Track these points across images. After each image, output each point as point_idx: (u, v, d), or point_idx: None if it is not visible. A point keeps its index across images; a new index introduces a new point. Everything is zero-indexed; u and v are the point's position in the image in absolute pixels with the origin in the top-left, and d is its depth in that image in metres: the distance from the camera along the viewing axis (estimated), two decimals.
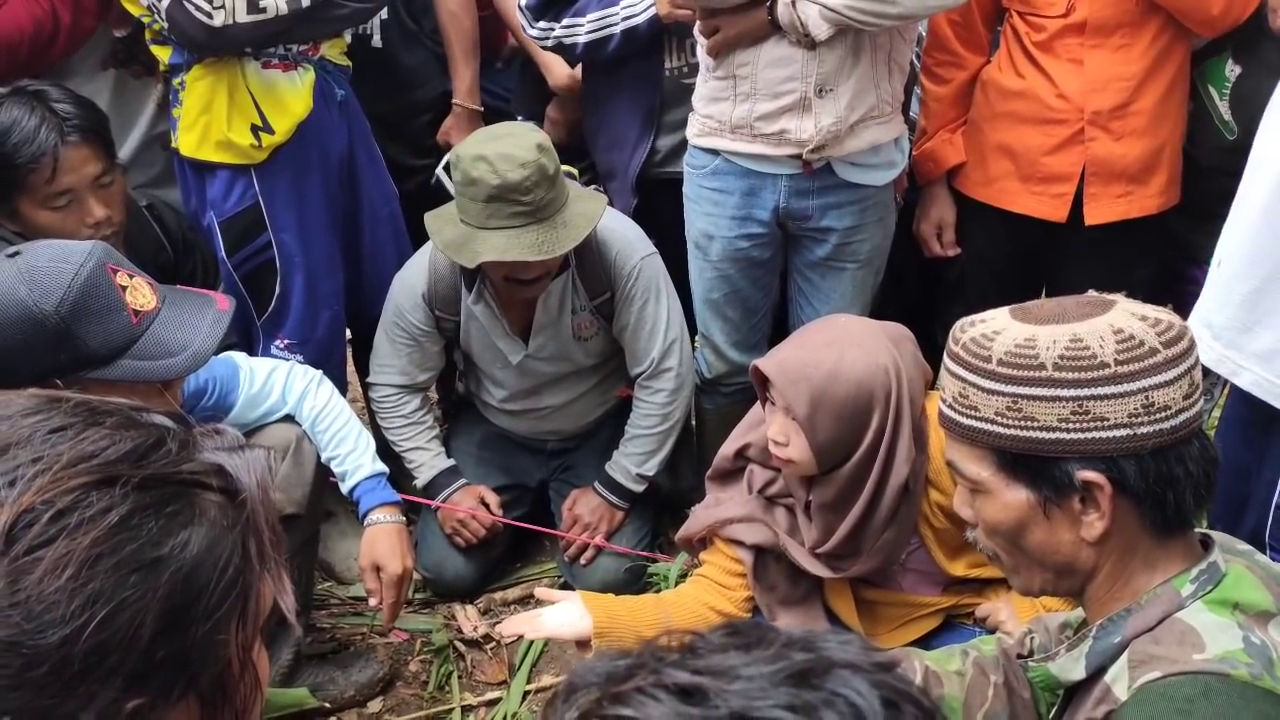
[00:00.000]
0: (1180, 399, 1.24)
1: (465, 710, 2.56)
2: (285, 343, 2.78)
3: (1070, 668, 1.33)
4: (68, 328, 1.75)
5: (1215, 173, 2.52)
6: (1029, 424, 1.26)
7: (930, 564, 2.17)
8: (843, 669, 0.65)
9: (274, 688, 2.38)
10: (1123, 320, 1.26)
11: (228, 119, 2.59)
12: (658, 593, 2.53)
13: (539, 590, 2.31)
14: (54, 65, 2.68)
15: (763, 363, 2.04)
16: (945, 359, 1.36)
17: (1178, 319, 1.28)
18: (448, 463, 2.93)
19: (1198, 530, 1.33)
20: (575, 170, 2.78)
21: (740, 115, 2.53)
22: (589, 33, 2.74)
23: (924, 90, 2.89)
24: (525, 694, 2.57)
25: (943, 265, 3.06)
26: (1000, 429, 1.28)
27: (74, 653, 0.78)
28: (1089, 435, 1.24)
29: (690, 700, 0.64)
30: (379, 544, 2.33)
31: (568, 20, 2.77)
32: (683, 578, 2.70)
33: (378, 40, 2.98)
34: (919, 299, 3.16)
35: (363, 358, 3.06)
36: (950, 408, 1.34)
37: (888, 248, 2.79)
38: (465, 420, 3.13)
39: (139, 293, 1.85)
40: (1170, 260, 2.81)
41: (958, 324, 1.37)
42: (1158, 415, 1.23)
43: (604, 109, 2.95)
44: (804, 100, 2.47)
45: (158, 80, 2.80)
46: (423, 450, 2.91)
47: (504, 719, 2.52)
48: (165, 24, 2.47)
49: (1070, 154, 2.65)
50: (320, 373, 2.42)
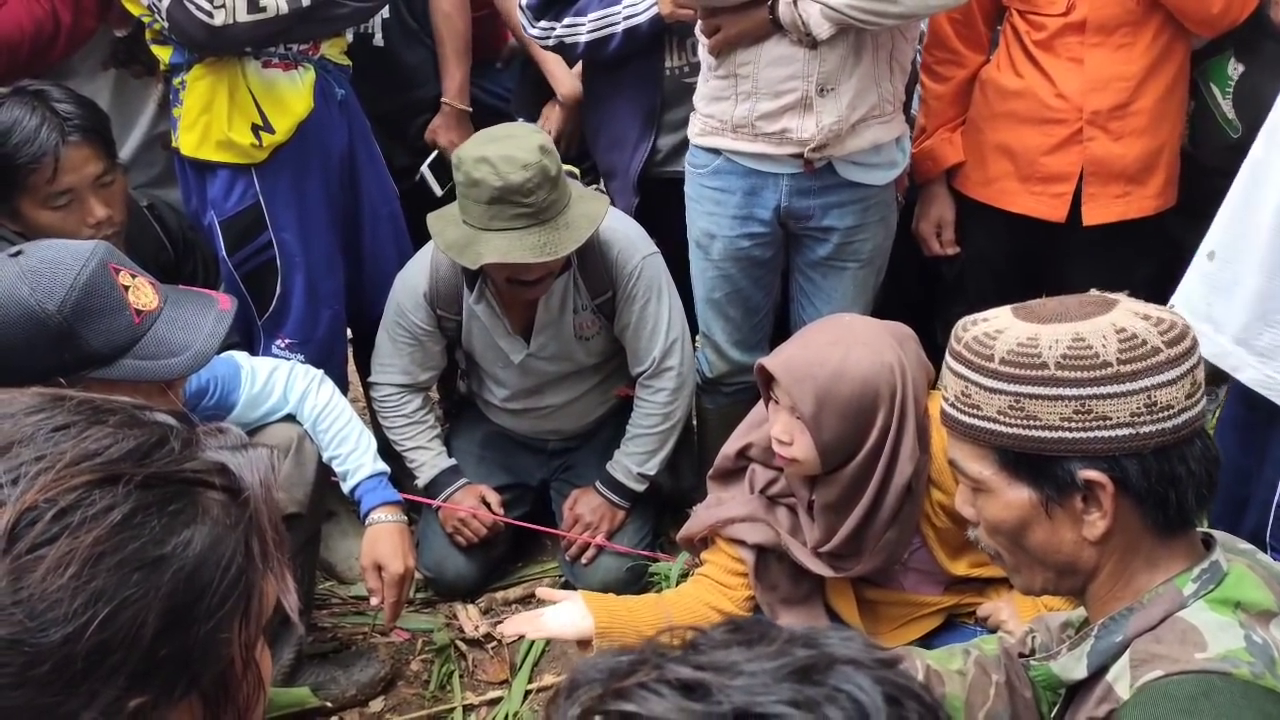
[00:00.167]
0: (1183, 398, 1.24)
1: (466, 709, 2.56)
2: (286, 342, 2.79)
3: (1072, 667, 1.33)
4: (70, 327, 1.75)
5: (1216, 173, 2.52)
6: (1031, 423, 1.26)
7: (932, 563, 2.17)
8: (845, 665, 0.65)
9: (276, 687, 2.38)
10: (1125, 319, 1.25)
11: (228, 118, 2.59)
12: (659, 592, 2.53)
13: (540, 590, 2.31)
14: (55, 65, 2.68)
15: (768, 361, 2.03)
16: (948, 358, 1.35)
17: (1180, 318, 1.28)
18: (449, 462, 2.93)
19: (1199, 529, 1.33)
20: (577, 170, 2.78)
21: (742, 114, 2.53)
22: (590, 32, 2.74)
23: (924, 88, 2.89)
24: (527, 693, 2.57)
25: (941, 264, 3.06)
26: (1002, 428, 1.28)
27: (76, 651, 0.78)
28: (1091, 434, 1.24)
29: (693, 696, 0.64)
30: (380, 543, 2.33)
31: (569, 20, 2.77)
32: (684, 577, 2.69)
33: (379, 39, 2.98)
34: (919, 299, 3.16)
35: (363, 357, 3.06)
36: (953, 406, 1.34)
37: (889, 247, 2.79)
38: (466, 419, 3.13)
39: (141, 292, 1.85)
40: (1170, 260, 2.81)
41: (960, 323, 1.37)
42: (1160, 414, 1.23)
43: (605, 108, 2.95)
44: (805, 99, 2.46)
45: (158, 80, 2.80)
46: (424, 450, 2.90)
47: (505, 718, 2.52)
48: (166, 24, 2.47)
49: (1069, 154, 2.65)
50: (321, 372, 2.42)
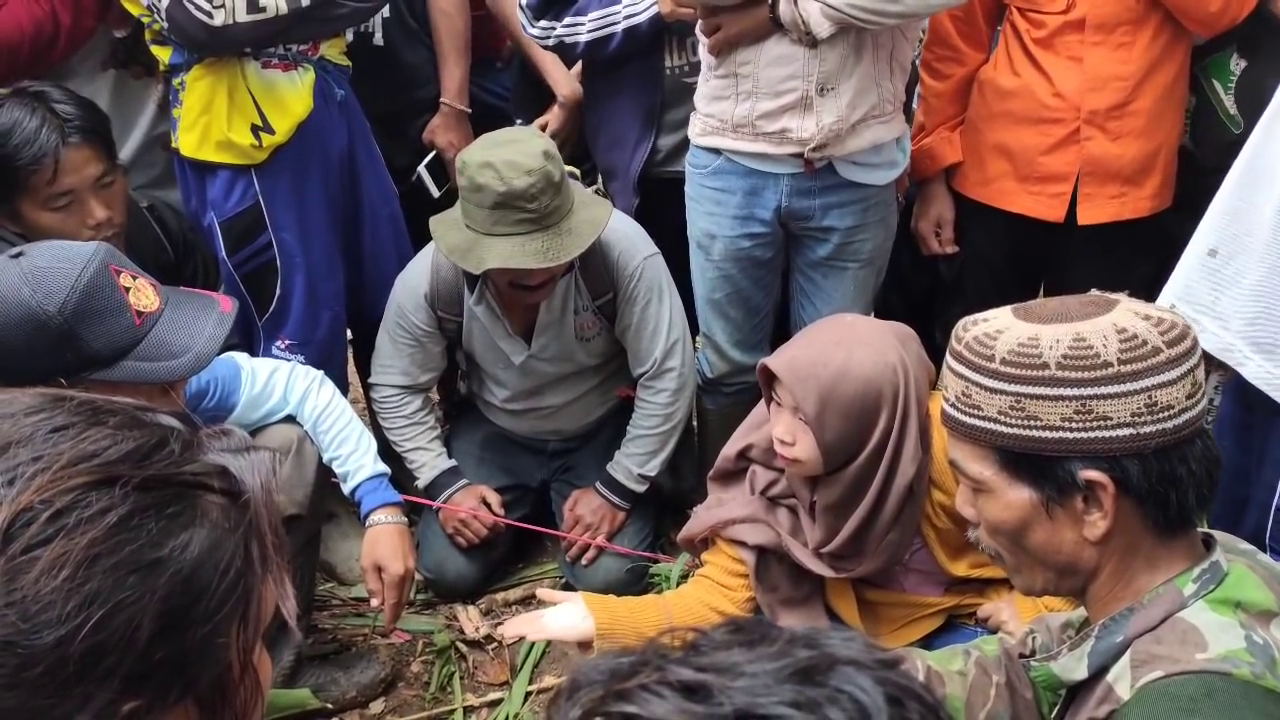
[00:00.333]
0: (1183, 398, 1.24)
1: (467, 711, 2.56)
2: (286, 343, 2.78)
3: (1072, 667, 1.33)
4: (70, 329, 1.74)
5: (1215, 172, 2.52)
6: (1032, 423, 1.26)
7: (932, 564, 2.17)
8: (847, 666, 0.65)
9: (276, 689, 2.38)
10: (1126, 319, 1.25)
11: (228, 119, 2.59)
12: (659, 593, 2.53)
13: (541, 591, 2.31)
14: (54, 66, 2.67)
15: (771, 361, 2.03)
16: (948, 358, 1.35)
17: (1181, 318, 1.28)
18: (449, 463, 2.93)
19: (1200, 530, 1.33)
20: (578, 171, 2.78)
21: (742, 114, 2.52)
22: (590, 32, 2.74)
23: (923, 86, 2.89)
24: (527, 695, 2.57)
25: (939, 264, 3.06)
26: (1003, 428, 1.28)
27: (69, 653, 0.77)
28: (1092, 434, 1.24)
29: (694, 697, 0.63)
30: (381, 545, 2.32)
31: (569, 19, 2.76)
32: (684, 578, 2.70)
33: (379, 38, 2.97)
34: (921, 299, 3.16)
35: (363, 358, 3.06)
36: (953, 407, 1.33)
37: (890, 247, 2.79)
38: (466, 420, 3.13)
39: (142, 294, 1.85)
40: (1169, 259, 2.81)
41: (960, 323, 1.37)
42: (1161, 414, 1.23)
43: (605, 108, 2.95)
44: (805, 99, 2.46)
45: (158, 80, 2.80)
46: (424, 451, 2.90)
47: None
48: (165, 24, 2.47)
49: (1066, 153, 2.65)
50: (321, 373, 2.42)
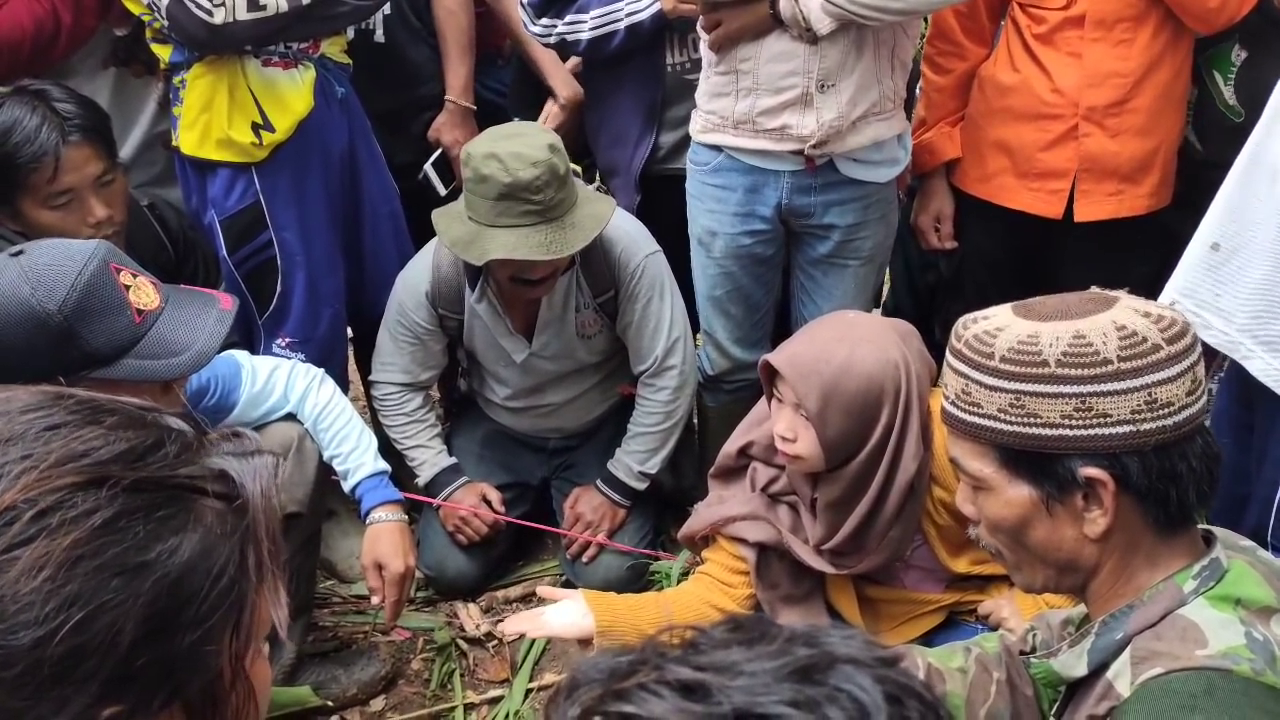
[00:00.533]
0: (1183, 395, 1.24)
1: (467, 708, 2.56)
2: (287, 341, 2.78)
3: (1072, 664, 1.33)
4: (71, 327, 1.74)
5: (1219, 167, 2.51)
6: (1032, 420, 1.26)
7: (933, 561, 2.17)
8: (846, 664, 0.65)
9: (276, 686, 2.38)
10: (1125, 317, 1.25)
11: (228, 117, 2.59)
12: (660, 591, 2.53)
13: (541, 588, 2.31)
14: (55, 65, 2.67)
15: (773, 357, 2.03)
16: (948, 355, 1.35)
17: (1180, 315, 1.28)
18: (449, 461, 2.93)
19: (1200, 526, 1.33)
20: (579, 168, 2.78)
21: (742, 110, 2.52)
22: (592, 29, 2.74)
23: (925, 80, 2.89)
24: (527, 692, 2.57)
25: (939, 260, 3.05)
26: (1003, 425, 1.28)
27: (47, 655, 0.76)
28: (1092, 432, 1.24)
29: (693, 696, 0.63)
30: (381, 542, 2.33)
31: (570, 17, 2.76)
32: (685, 576, 2.69)
33: (380, 35, 2.97)
34: (925, 296, 3.16)
35: (364, 356, 3.06)
36: (953, 404, 1.33)
37: (891, 245, 2.79)
38: (467, 418, 3.13)
39: (142, 292, 1.85)
40: (1170, 256, 2.80)
41: (960, 321, 1.37)
42: (1161, 411, 1.23)
43: (606, 106, 2.95)
44: (806, 95, 2.46)
45: (158, 79, 2.79)
46: (425, 448, 2.90)
47: (506, 717, 2.52)
48: (166, 22, 2.47)
49: (1065, 150, 2.65)
50: (322, 371, 2.42)
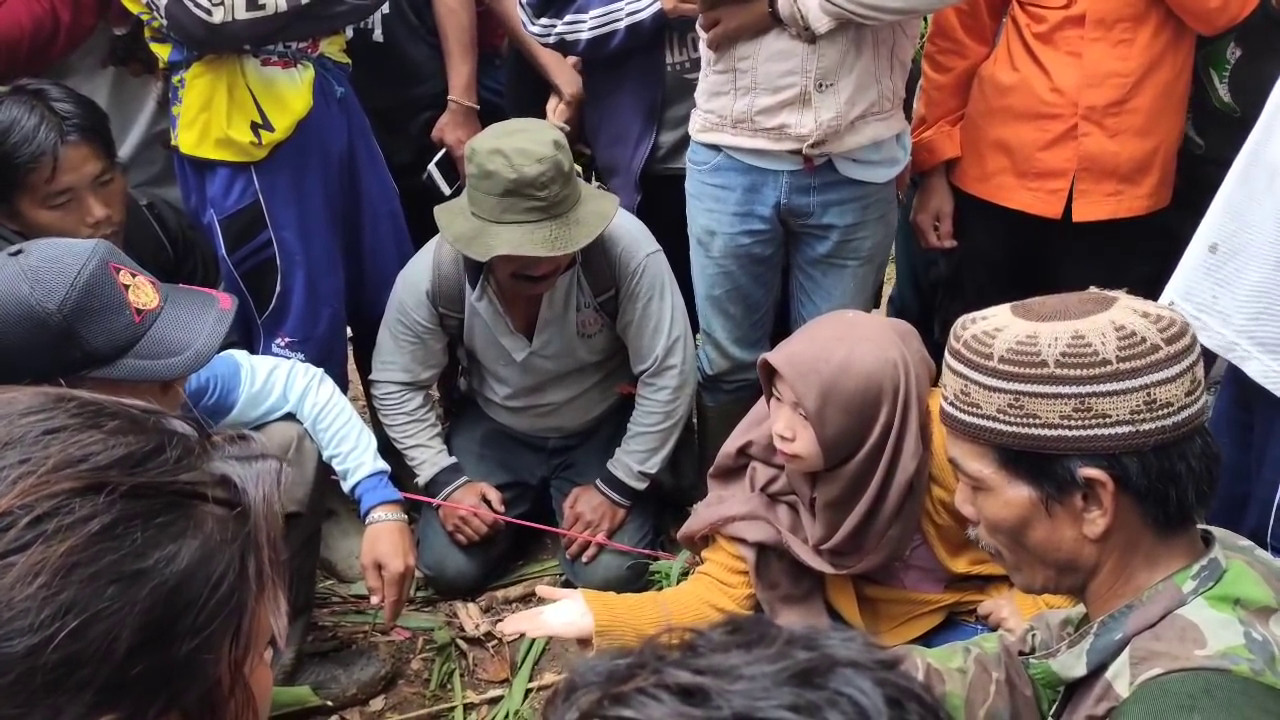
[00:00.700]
0: (1182, 395, 1.24)
1: (467, 708, 2.56)
2: (286, 341, 2.78)
3: (1071, 664, 1.33)
4: (70, 326, 1.74)
5: (1219, 164, 2.51)
6: (1031, 421, 1.26)
7: (932, 561, 2.16)
8: (846, 668, 0.64)
9: (275, 686, 2.38)
10: (1124, 317, 1.25)
11: (227, 116, 2.58)
12: (659, 590, 2.53)
13: (540, 588, 2.31)
14: (53, 64, 2.67)
15: (772, 356, 2.02)
16: (947, 356, 1.35)
17: (1179, 315, 1.28)
18: (449, 460, 2.93)
19: (1199, 526, 1.33)
20: (579, 167, 2.77)
21: (741, 109, 2.52)
22: (592, 29, 2.74)
23: (925, 79, 2.88)
24: (527, 692, 2.57)
25: (939, 259, 3.05)
26: (1002, 426, 1.27)
27: (41, 663, 0.75)
28: (1091, 432, 1.23)
29: (692, 701, 0.63)
30: (380, 542, 2.33)
31: (570, 16, 2.76)
32: (684, 575, 2.69)
33: (379, 34, 2.97)
34: (928, 295, 3.16)
35: (363, 355, 3.06)
36: (952, 405, 1.33)
37: (890, 245, 2.79)
38: (467, 418, 3.13)
39: (141, 291, 1.85)
40: (1170, 255, 2.80)
41: (959, 321, 1.36)
42: (1160, 412, 1.23)
43: (606, 105, 2.95)
44: (804, 94, 2.46)
45: (157, 78, 2.79)
46: (424, 448, 2.90)
47: (506, 717, 2.52)
48: (164, 21, 2.46)
49: (1064, 149, 2.65)
50: (321, 371, 2.42)
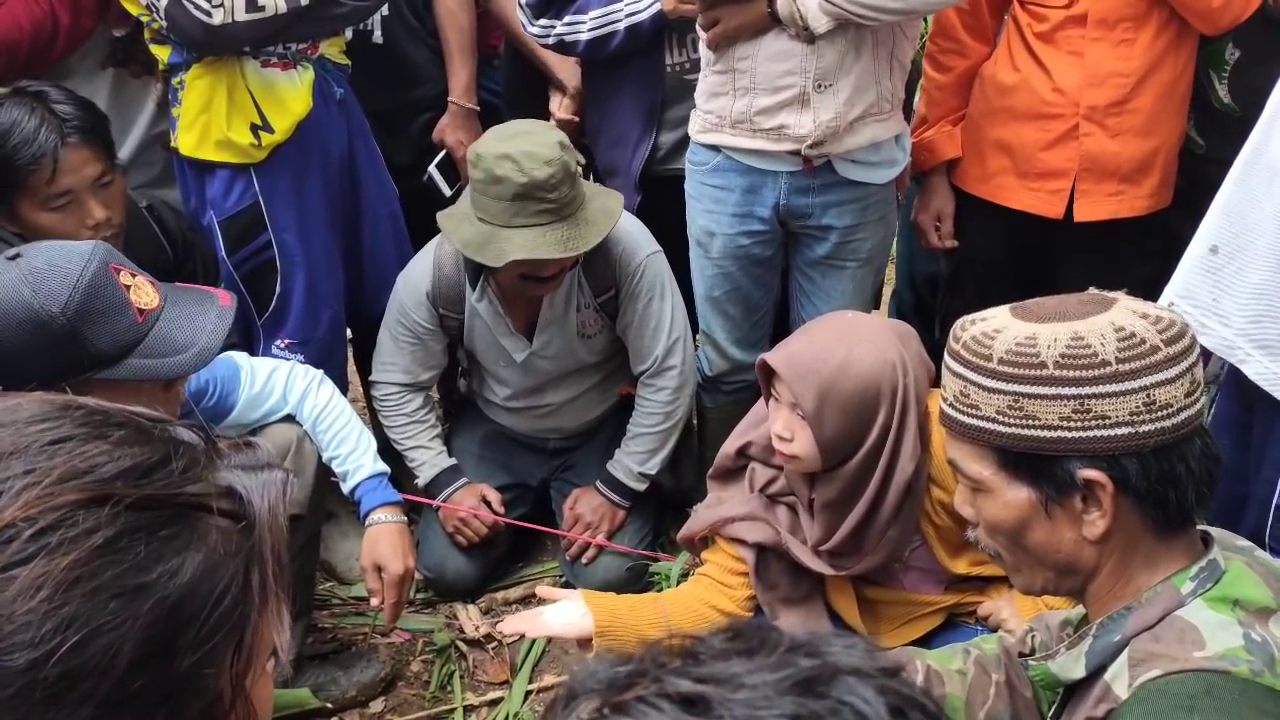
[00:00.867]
0: (1182, 396, 1.24)
1: (467, 710, 2.56)
2: (286, 342, 2.78)
3: (1070, 666, 1.33)
4: (74, 329, 1.74)
5: (1220, 164, 2.51)
6: (1030, 422, 1.25)
7: (932, 562, 2.16)
8: (848, 676, 0.64)
9: (276, 689, 2.38)
10: (1124, 318, 1.25)
11: (227, 118, 2.58)
12: (659, 591, 2.53)
13: (540, 589, 2.30)
14: (53, 65, 2.67)
15: (770, 356, 2.02)
16: (946, 357, 1.35)
17: (1179, 316, 1.28)
18: (449, 461, 2.93)
19: (1198, 527, 1.33)
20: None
21: (740, 110, 2.52)
22: (591, 30, 2.74)
23: (926, 78, 2.88)
24: (527, 694, 2.57)
25: (939, 259, 3.05)
26: (1001, 427, 1.27)
27: (42, 677, 0.74)
28: (1090, 434, 1.23)
29: (693, 710, 0.62)
30: (380, 544, 2.33)
31: (569, 17, 2.76)
32: (684, 577, 2.69)
33: (378, 36, 2.97)
34: (929, 295, 3.16)
35: (363, 356, 3.06)
36: (951, 406, 1.33)
37: (889, 246, 2.79)
38: (466, 419, 3.12)
39: (142, 291, 1.85)
40: (1170, 256, 2.80)
41: (958, 322, 1.36)
42: (1159, 413, 1.23)
43: (606, 106, 2.95)
44: (803, 95, 2.46)
45: (157, 80, 2.79)
46: (424, 449, 2.90)
47: (506, 719, 2.52)
48: (164, 23, 2.46)
49: (1065, 150, 2.65)
50: (321, 372, 2.42)
